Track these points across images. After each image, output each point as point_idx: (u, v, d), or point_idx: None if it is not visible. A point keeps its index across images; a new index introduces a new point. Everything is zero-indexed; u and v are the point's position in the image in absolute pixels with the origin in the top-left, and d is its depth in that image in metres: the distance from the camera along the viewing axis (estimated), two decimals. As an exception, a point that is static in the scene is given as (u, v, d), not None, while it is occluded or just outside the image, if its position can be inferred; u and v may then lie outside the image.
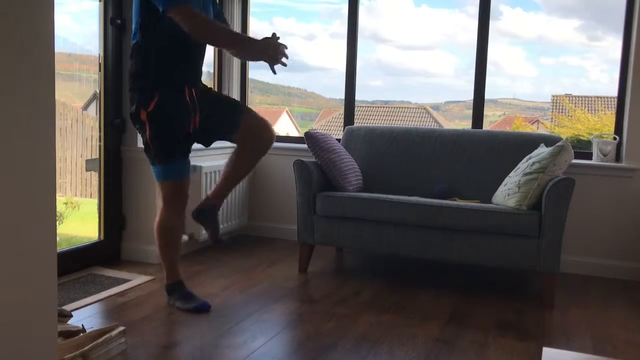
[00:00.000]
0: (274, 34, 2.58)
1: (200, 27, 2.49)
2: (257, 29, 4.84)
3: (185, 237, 3.65)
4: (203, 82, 2.80)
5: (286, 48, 2.59)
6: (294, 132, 7.27)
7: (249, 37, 2.84)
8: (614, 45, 4.08)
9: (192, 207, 2.88)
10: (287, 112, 7.77)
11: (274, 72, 2.61)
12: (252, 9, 4.50)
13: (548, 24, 5.27)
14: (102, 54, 3.37)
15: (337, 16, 5.69)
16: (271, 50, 2.55)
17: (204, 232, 3.72)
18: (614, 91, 3.76)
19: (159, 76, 2.57)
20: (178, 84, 2.62)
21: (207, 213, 2.88)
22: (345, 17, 4.19)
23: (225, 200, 3.94)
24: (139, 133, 2.70)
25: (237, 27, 4.40)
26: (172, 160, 2.64)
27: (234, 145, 2.85)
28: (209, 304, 2.78)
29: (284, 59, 2.59)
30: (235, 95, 4.46)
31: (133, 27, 2.60)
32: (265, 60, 2.58)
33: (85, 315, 2.64)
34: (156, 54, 2.56)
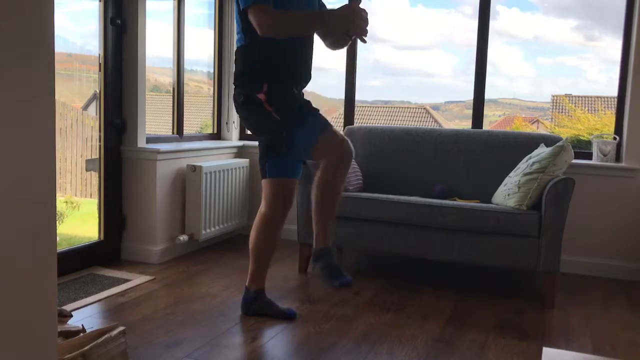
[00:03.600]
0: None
1: (271, 23, 2.34)
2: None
3: (185, 238, 3.66)
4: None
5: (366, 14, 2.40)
6: (293, 132, 7.26)
7: (326, 11, 2.53)
8: (611, 45, 4.09)
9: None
10: (287, 112, 7.75)
11: (364, 40, 2.41)
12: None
13: (545, 24, 5.28)
14: (102, 54, 3.37)
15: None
16: (355, 17, 2.35)
17: (203, 232, 3.73)
18: (612, 91, 3.76)
19: (267, 73, 2.46)
20: (287, 85, 2.50)
21: (324, 258, 2.55)
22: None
23: (225, 201, 3.96)
24: (251, 121, 2.59)
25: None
26: (278, 159, 2.56)
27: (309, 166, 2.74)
28: (295, 311, 2.70)
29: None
30: (235, 95, 4.46)
31: (236, 30, 2.53)
32: (349, 32, 2.41)
33: (85, 315, 2.64)
34: (262, 55, 2.45)
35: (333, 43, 2.62)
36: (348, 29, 2.39)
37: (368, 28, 2.41)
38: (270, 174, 2.62)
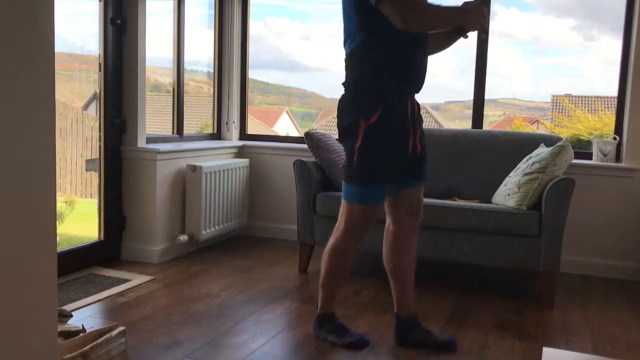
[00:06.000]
0: None
1: (418, 15, 2.13)
2: (254, 30, 4.83)
3: (185, 238, 3.66)
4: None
5: (485, 10, 2.26)
6: (294, 132, 7.26)
7: (462, 6, 2.24)
8: (610, 45, 4.08)
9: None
10: (287, 112, 7.76)
11: (483, 36, 2.33)
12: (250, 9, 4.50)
13: (543, 24, 5.28)
14: (102, 54, 3.37)
15: (332, 16, 5.70)
16: (484, 13, 2.23)
17: (203, 232, 3.73)
18: (611, 91, 3.76)
19: (384, 83, 2.23)
20: (403, 94, 2.29)
21: (411, 331, 2.43)
22: (341, 17, 4.18)
23: (225, 201, 3.96)
24: (343, 145, 2.37)
25: (237, 28, 4.40)
26: (371, 184, 2.31)
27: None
28: (367, 339, 2.45)
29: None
30: (235, 95, 4.46)
31: (345, 33, 2.29)
32: (471, 29, 2.26)
33: (85, 315, 2.64)
34: (378, 60, 2.22)
35: (440, 45, 2.39)
36: (475, 26, 2.23)
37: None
38: (361, 200, 2.34)
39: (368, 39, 2.21)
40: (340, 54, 2.36)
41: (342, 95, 2.33)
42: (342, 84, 2.33)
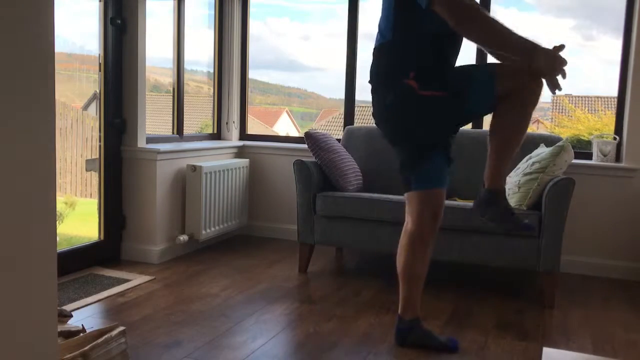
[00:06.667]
0: (561, 46, 2.10)
1: (470, 19, 2.09)
2: (254, 30, 4.83)
3: (185, 238, 3.66)
4: None
5: (564, 64, 2.07)
6: (294, 132, 7.27)
7: (534, 41, 2.10)
8: (609, 45, 4.08)
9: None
10: (287, 112, 7.77)
11: (555, 92, 2.12)
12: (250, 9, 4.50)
13: (543, 24, 5.27)
14: (102, 54, 3.37)
15: (332, 16, 5.71)
16: (561, 66, 2.07)
17: (203, 232, 3.73)
18: (611, 91, 3.76)
19: (413, 65, 2.23)
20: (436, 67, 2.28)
21: (491, 202, 2.32)
22: (340, 17, 4.21)
23: (225, 201, 3.95)
24: (406, 122, 2.31)
25: (237, 28, 4.40)
26: (432, 158, 2.28)
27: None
28: (456, 341, 2.44)
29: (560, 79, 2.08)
30: (235, 95, 4.46)
31: (382, 27, 2.30)
32: (545, 77, 2.11)
33: (85, 315, 2.64)
34: (411, 53, 2.24)
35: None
36: (545, 73, 2.09)
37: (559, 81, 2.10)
38: (418, 185, 2.30)
39: (399, 37, 2.24)
40: (340, 54, 2.37)
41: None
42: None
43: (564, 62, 2.06)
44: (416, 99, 2.24)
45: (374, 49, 2.36)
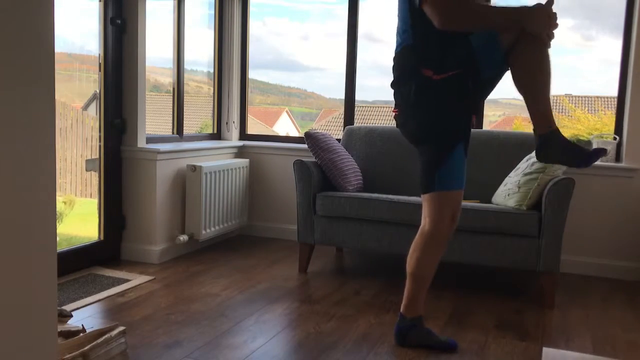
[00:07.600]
0: (550, 1, 2.13)
1: (455, 13, 2.12)
2: (253, 30, 4.83)
3: (185, 238, 3.66)
4: None
5: (555, 18, 2.13)
6: (294, 132, 7.27)
7: (521, 8, 2.16)
8: (609, 45, 4.08)
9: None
10: (287, 112, 7.76)
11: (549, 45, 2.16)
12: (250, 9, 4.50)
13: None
14: (102, 54, 3.37)
15: (331, 16, 5.70)
16: (552, 21, 2.13)
17: (203, 232, 3.73)
18: (612, 91, 3.75)
19: (431, 63, 2.25)
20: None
21: (547, 145, 2.37)
22: (339, 17, 4.21)
23: (225, 201, 3.95)
24: (421, 123, 2.33)
25: (236, 28, 4.40)
26: (455, 150, 2.31)
27: None
28: (455, 342, 2.45)
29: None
30: (235, 95, 4.46)
31: (400, 30, 2.32)
32: (541, 36, 2.14)
33: (85, 315, 2.64)
34: (430, 51, 2.25)
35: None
36: (540, 32, 2.14)
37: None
38: (441, 186, 2.30)
39: (419, 38, 2.25)
40: (340, 54, 2.37)
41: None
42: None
43: (554, 16, 2.12)
44: (434, 88, 2.25)
45: (395, 54, 2.36)
